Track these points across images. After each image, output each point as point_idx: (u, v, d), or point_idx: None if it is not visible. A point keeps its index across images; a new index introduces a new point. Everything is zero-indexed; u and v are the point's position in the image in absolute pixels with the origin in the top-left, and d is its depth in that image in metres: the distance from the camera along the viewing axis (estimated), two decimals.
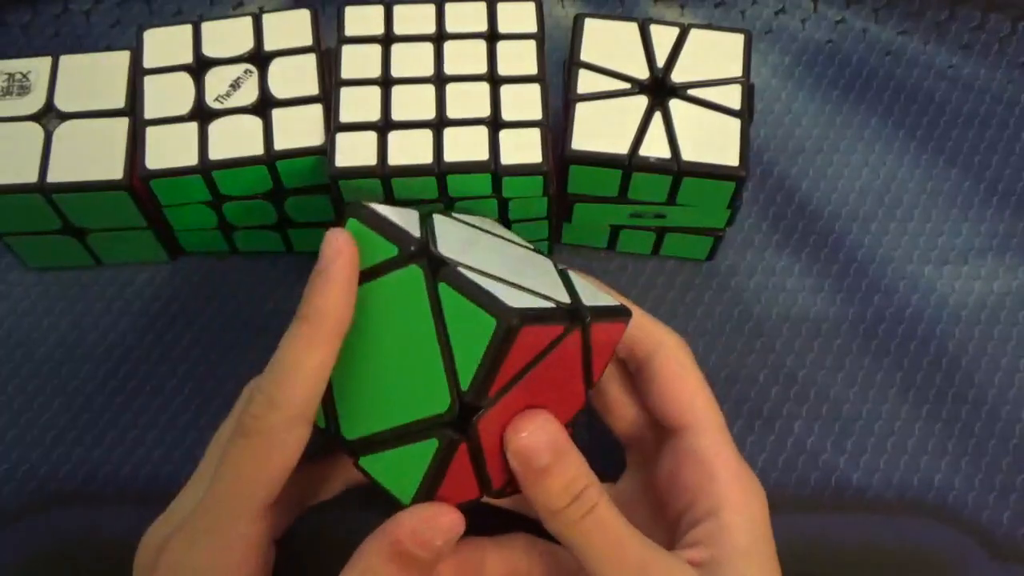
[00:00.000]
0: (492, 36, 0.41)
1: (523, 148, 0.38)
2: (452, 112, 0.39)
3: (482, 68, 0.40)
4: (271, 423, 0.30)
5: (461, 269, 0.30)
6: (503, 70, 0.40)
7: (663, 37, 0.41)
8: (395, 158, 0.38)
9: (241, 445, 0.30)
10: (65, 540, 0.40)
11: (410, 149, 0.38)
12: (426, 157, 0.38)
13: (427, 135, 0.39)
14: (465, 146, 0.38)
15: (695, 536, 0.33)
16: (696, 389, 0.35)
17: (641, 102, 0.40)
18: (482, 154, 0.38)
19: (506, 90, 0.40)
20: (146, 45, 0.41)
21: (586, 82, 0.40)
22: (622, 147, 0.39)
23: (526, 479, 0.31)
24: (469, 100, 0.39)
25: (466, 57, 0.40)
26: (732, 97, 0.40)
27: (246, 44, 0.41)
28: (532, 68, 0.40)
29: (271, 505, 0.31)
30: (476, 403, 0.29)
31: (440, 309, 0.30)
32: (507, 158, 0.38)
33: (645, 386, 0.36)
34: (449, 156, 0.38)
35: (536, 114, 0.39)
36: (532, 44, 0.41)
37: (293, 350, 0.30)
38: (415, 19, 0.41)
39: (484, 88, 0.40)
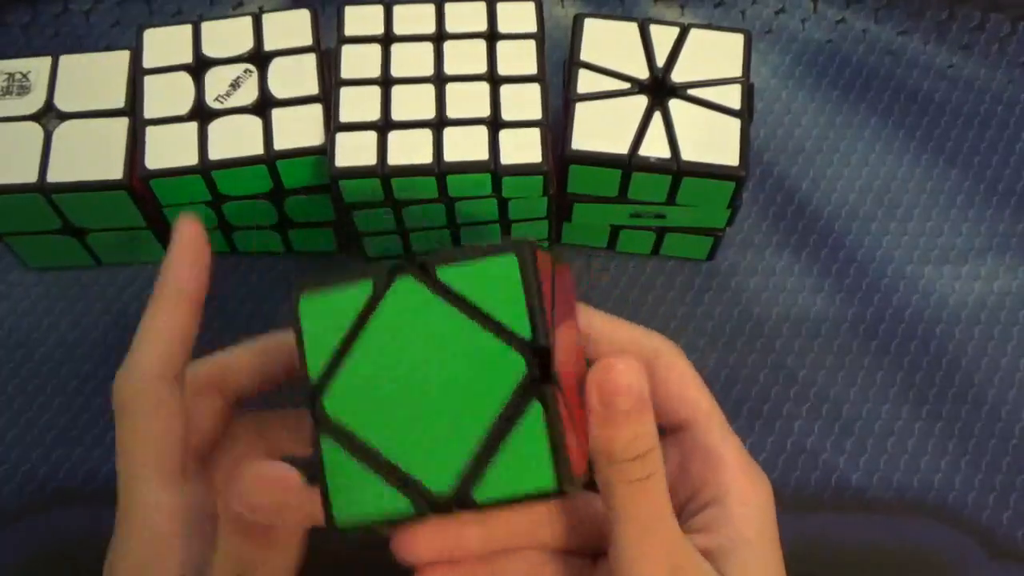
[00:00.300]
0: (492, 36, 0.41)
1: (523, 148, 0.38)
2: (452, 112, 0.39)
3: (482, 68, 0.40)
4: (130, 391, 0.32)
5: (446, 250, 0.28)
6: (503, 70, 0.40)
7: (663, 37, 0.41)
8: (395, 158, 0.38)
9: (117, 426, 0.32)
10: (65, 540, 0.40)
11: (410, 149, 0.38)
12: (426, 157, 0.38)
13: (427, 135, 0.39)
14: (465, 146, 0.38)
15: (700, 522, 0.33)
16: (699, 389, 0.35)
17: (641, 102, 0.40)
18: (482, 154, 0.38)
19: (506, 90, 0.40)
20: (146, 45, 0.41)
21: (586, 82, 0.40)
22: (622, 147, 0.39)
23: (601, 417, 0.29)
24: (469, 100, 0.39)
25: (466, 57, 0.40)
26: (732, 97, 0.40)
27: (246, 44, 0.41)
28: (532, 68, 0.40)
29: (180, 470, 0.32)
30: (546, 343, 0.27)
31: (455, 294, 0.28)
32: (507, 158, 0.38)
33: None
34: (449, 156, 0.38)
35: (536, 114, 0.39)
36: (532, 44, 0.41)
37: (142, 321, 0.33)
38: (415, 19, 0.41)
39: (484, 88, 0.40)
